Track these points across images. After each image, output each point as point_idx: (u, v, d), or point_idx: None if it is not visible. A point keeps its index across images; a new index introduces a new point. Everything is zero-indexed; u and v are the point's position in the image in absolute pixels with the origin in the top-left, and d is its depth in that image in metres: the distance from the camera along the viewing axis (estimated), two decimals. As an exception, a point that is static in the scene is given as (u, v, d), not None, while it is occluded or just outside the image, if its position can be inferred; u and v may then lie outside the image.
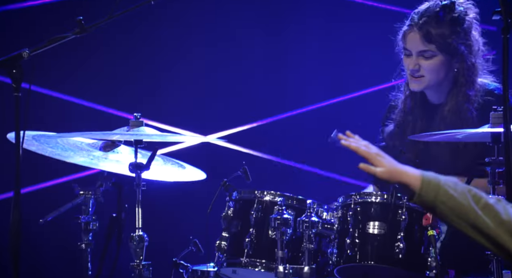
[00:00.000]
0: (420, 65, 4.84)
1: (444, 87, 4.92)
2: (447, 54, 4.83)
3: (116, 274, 4.60)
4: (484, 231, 3.09)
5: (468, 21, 4.84)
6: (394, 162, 3.12)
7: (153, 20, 6.26)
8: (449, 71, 4.88)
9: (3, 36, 6.24)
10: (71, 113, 6.34)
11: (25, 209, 3.84)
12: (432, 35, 4.79)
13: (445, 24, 4.80)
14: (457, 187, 3.08)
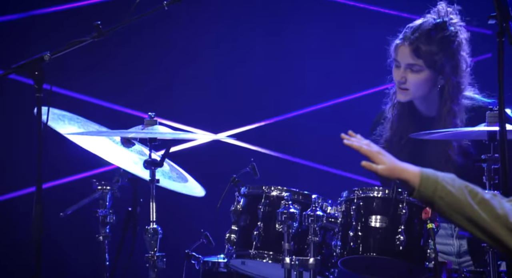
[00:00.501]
0: (406, 79, 4.85)
1: (431, 100, 4.92)
2: (433, 70, 4.83)
3: (132, 264, 4.62)
4: (480, 225, 3.11)
5: (457, 41, 4.84)
6: (394, 160, 3.15)
7: (165, 23, 6.23)
8: (434, 87, 4.88)
9: (27, 40, 6.21)
10: (89, 113, 6.33)
11: (46, 203, 3.88)
12: (421, 50, 4.79)
13: (435, 42, 4.81)
14: (454, 183, 3.11)
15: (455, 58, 4.87)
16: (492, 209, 3.10)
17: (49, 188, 5.93)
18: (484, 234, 3.12)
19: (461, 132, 4.60)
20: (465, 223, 3.11)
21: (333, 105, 6.43)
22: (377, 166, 3.15)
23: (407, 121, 4.97)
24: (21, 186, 6.28)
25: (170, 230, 4.68)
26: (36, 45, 4.46)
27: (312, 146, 6.44)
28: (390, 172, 3.15)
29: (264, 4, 6.50)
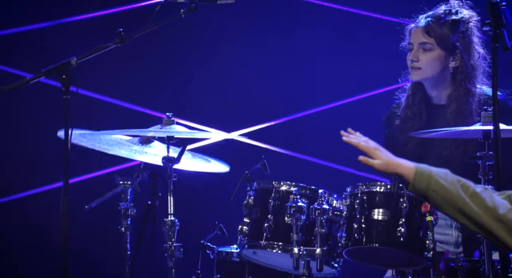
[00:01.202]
0: (419, 57, 4.87)
1: (441, 83, 4.93)
2: (444, 50, 4.87)
3: (152, 254, 4.61)
4: (472, 217, 3.14)
5: (468, 27, 4.88)
6: (390, 155, 3.19)
7: (182, 29, 6.22)
8: (445, 68, 4.90)
9: (55, 46, 6.19)
10: (111, 113, 6.31)
11: (72, 197, 3.92)
12: (433, 30, 4.84)
13: (446, 25, 4.85)
14: (447, 177, 3.14)
15: (466, 41, 4.89)
16: (483, 202, 3.12)
17: (75, 183, 5.91)
18: (476, 226, 3.14)
19: (457, 131, 4.56)
20: (457, 215, 3.13)
21: (338, 106, 6.40)
22: (374, 161, 3.19)
23: (418, 108, 4.96)
24: (49, 181, 6.25)
25: (186, 222, 4.71)
26: (63, 50, 4.48)
27: (319, 144, 6.41)
28: (386, 167, 3.18)
29: (276, 10, 6.47)
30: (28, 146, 6.33)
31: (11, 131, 6.34)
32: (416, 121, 4.95)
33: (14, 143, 6.36)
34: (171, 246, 4.54)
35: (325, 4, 6.41)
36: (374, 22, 6.30)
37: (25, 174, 6.35)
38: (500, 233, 3.12)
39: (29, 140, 6.31)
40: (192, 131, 4.81)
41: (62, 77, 3.91)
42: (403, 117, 4.98)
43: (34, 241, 6.29)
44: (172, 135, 4.57)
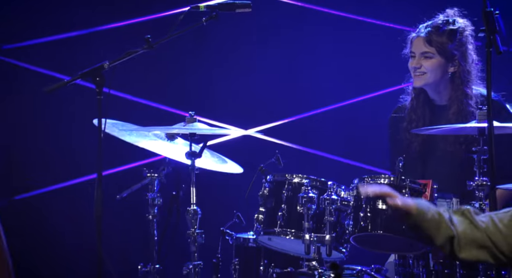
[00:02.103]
0: (421, 64, 4.88)
1: (441, 88, 4.94)
2: (444, 57, 4.87)
3: (176, 239, 4.69)
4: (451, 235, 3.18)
5: (465, 36, 4.89)
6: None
7: (203, 35, 6.22)
8: (445, 73, 4.90)
9: (90, 51, 6.20)
10: (140, 111, 6.29)
11: (105, 188, 3.95)
12: (433, 40, 4.83)
13: (444, 34, 4.85)
14: (431, 210, 3.18)
15: (463, 49, 4.89)
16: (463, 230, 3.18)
17: (107, 175, 5.89)
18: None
19: (455, 128, 4.57)
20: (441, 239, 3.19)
21: (346, 105, 6.37)
22: (395, 200, 3.20)
23: (422, 110, 4.96)
24: (84, 173, 6.22)
25: (207, 211, 4.72)
26: (97, 55, 4.51)
27: (329, 140, 6.38)
28: (403, 204, 3.19)
29: (289, 16, 6.42)
30: (66, 142, 6.28)
31: (51, 129, 6.31)
32: (420, 122, 4.95)
33: (53, 140, 6.32)
34: (193, 233, 4.59)
35: (335, 13, 6.38)
36: (381, 29, 6.25)
37: (63, 166, 6.31)
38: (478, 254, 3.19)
39: (66, 136, 6.27)
40: (212, 129, 4.85)
41: (96, 80, 3.96)
42: (409, 119, 4.98)
43: (72, 226, 6.27)
44: (194, 132, 4.60)
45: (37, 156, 6.33)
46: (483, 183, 4.40)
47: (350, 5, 6.37)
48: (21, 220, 6.31)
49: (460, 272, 4.46)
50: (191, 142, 4.61)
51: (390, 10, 6.15)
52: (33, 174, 5.84)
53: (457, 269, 4.46)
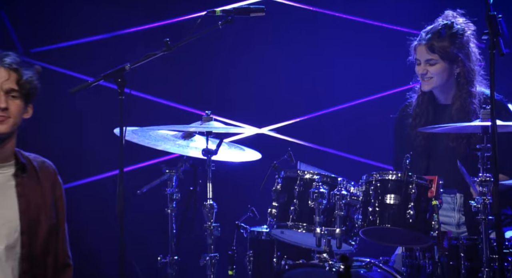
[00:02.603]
0: (428, 71, 4.86)
1: (448, 89, 4.92)
2: (448, 61, 4.84)
3: (193, 232, 4.69)
4: None
5: (466, 36, 4.86)
6: None
7: (218, 39, 6.20)
8: (451, 75, 4.88)
9: (112, 53, 6.19)
10: (159, 111, 6.27)
11: (127, 183, 3.95)
12: (435, 47, 4.81)
13: (445, 39, 4.82)
14: None
15: (465, 49, 4.86)
16: None
17: (129, 171, 5.91)
18: None
19: (460, 126, 4.58)
20: None
21: (355, 104, 6.36)
22: None
23: (426, 108, 4.96)
24: (107, 169, 6.25)
25: (223, 206, 4.73)
26: (119, 57, 4.51)
27: (339, 138, 6.37)
28: None
29: (302, 20, 6.39)
30: (90, 140, 6.29)
31: (77, 128, 6.33)
32: (424, 119, 4.95)
33: (78, 138, 6.33)
34: (210, 226, 4.61)
35: (345, 16, 6.36)
36: (389, 31, 6.23)
37: (88, 163, 6.32)
38: None
39: (90, 135, 6.27)
40: (228, 127, 4.85)
41: (117, 81, 3.99)
42: (414, 115, 4.98)
43: (96, 219, 6.27)
44: (211, 130, 4.63)
45: (64, 153, 6.32)
46: (487, 179, 4.39)
47: (359, 9, 6.34)
48: None
49: (464, 263, 4.46)
50: (208, 140, 4.63)
51: (398, 14, 6.13)
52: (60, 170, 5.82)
53: (462, 261, 4.47)
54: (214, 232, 4.63)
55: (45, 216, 3.90)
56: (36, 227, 3.88)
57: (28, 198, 3.90)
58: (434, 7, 5.05)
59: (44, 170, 4.00)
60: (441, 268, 4.44)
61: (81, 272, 6.19)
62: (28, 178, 3.93)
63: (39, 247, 3.88)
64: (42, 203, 3.90)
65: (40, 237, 3.89)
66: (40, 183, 3.94)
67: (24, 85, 3.95)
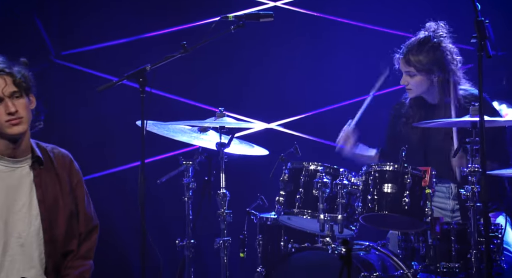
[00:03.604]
0: (408, 81, 4.88)
1: (432, 93, 4.91)
2: (424, 73, 4.82)
3: (208, 218, 4.70)
4: None
5: (441, 49, 4.83)
6: None
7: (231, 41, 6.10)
8: (430, 84, 4.86)
9: (135, 55, 6.18)
10: (176, 107, 6.26)
11: (147, 174, 3.98)
12: (411, 61, 4.81)
13: (421, 53, 4.80)
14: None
15: (441, 61, 4.81)
16: None
17: (149, 163, 5.85)
18: None
19: (451, 121, 4.58)
20: None
21: (354, 102, 6.25)
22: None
23: (417, 108, 4.96)
24: (130, 160, 6.26)
25: (235, 194, 4.73)
26: (140, 59, 4.52)
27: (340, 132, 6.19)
28: None
29: (307, 24, 6.37)
30: (115, 134, 6.28)
31: (103, 122, 6.31)
32: (417, 117, 4.95)
33: (104, 132, 6.32)
34: (223, 212, 4.62)
35: (348, 22, 6.35)
36: (387, 35, 6.20)
37: (112, 155, 6.32)
38: None
39: (115, 129, 6.26)
40: (239, 122, 4.86)
41: (139, 80, 4.01)
42: (407, 115, 4.98)
43: (119, 207, 6.27)
44: (224, 125, 4.63)
45: (91, 146, 6.34)
46: (475, 169, 4.42)
47: (360, 15, 6.32)
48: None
49: (455, 246, 4.48)
50: (221, 134, 4.64)
51: (396, 20, 6.09)
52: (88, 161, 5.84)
53: (452, 244, 4.49)
54: (226, 218, 4.64)
55: (63, 203, 3.87)
56: (55, 214, 3.86)
57: (46, 188, 3.86)
58: (432, 13, 5.04)
59: (60, 160, 3.94)
60: (434, 251, 4.46)
61: (106, 256, 6.11)
62: (45, 169, 3.89)
63: (61, 231, 3.85)
64: (59, 191, 3.87)
65: (61, 223, 3.86)
66: (57, 173, 3.90)
67: (20, 83, 3.87)
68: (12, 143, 3.85)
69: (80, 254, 3.88)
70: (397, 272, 4.55)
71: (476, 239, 4.40)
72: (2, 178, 3.80)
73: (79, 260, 3.86)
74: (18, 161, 3.86)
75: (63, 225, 3.86)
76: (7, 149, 3.84)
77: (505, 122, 4.82)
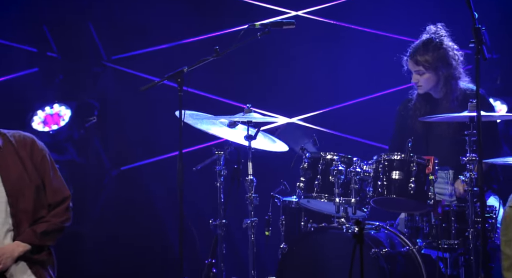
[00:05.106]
0: (418, 79, 4.87)
1: (440, 87, 4.92)
2: (432, 70, 4.81)
3: (238, 201, 4.74)
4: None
5: (443, 48, 4.82)
6: None
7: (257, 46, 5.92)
8: (438, 79, 4.86)
9: (174, 59, 6.20)
10: (210, 104, 6.28)
11: (185, 162, 4.05)
12: (419, 61, 4.80)
13: (427, 53, 4.81)
14: None
15: (445, 58, 4.81)
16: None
17: (186, 152, 5.64)
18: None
19: (452, 116, 4.60)
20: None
21: (368, 99, 6.31)
22: None
23: (423, 102, 4.94)
24: (169, 150, 6.29)
25: (261, 180, 4.76)
26: (179, 62, 4.55)
27: (355, 125, 6.32)
28: None
29: (324, 31, 6.35)
30: (157, 127, 6.29)
31: (147, 117, 6.34)
32: (422, 111, 4.95)
33: (149, 125, 6.34)
34: (250, 196, 4.65)
35: (361, 29, 6.33)
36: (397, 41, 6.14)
37: (154, 145, 6.34)
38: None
39: (158, 123, 6.27)
40: (264, 117, 4.88)
41: (177, 80, 4.05)
42: (414, 109, 4.96)
43: (160, 192, 6.29)
44: (251, 120, 4.67)
45: (137, 138, 6.37)
46: (473, 158, 4.44)
47: (373, 23, 6.29)
48: (126, 184, 6.40)
49: (454, 225, 4.51)
50: (248, 127, 4.67)
51: (405, 26, 6.03)
52: (134, 151, 5.90)
53: (452, 223, 4.52)
54: (253, 201, 4.67)
55: (29, 179, 3.81)
56: (21, 189, 3.78)
57: (7, 167, 3.78)
58: (434, 20, 5.03)
59: (20, 142, 3.83)
60: (436, 229, 4.52)
61: (149, 233, 6.21)
62: (6, 151, 3.81)
63: (29, 204, 3.78)
64: (23, 169, 3.80)
65: (28, 197, 3.79)
66: (17, 153, 3.83)
67: None
68: None
69: (45, 219, 3.81)
70: (403, 248, 4.57)
71: (473, 219, 4.43)
72: None
73: (42, 223, 3.80)
74: None
75: (31, 198, 3.79)
76: None
77: (500, 116, 4.86)
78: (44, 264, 3.76)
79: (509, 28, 6.10)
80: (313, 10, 6.39)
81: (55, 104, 6.33)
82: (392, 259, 4.48)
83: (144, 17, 6.35)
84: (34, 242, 3.71)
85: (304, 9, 6.38)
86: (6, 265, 3.67)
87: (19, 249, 3.70)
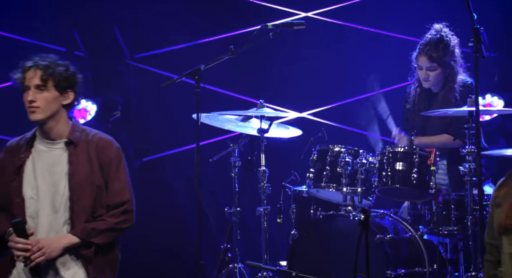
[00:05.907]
0: (428, 75, 4.88)
1: (440, 82, 4.93)
2: (443, 67, 4.86)
3: (251, 191, 4.75)
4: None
5: (452, 45, 4.87)
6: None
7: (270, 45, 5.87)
8: (445, 76, 4.90)
9: (192, 57, 6.22)
10: (225, 100, 6.28)
11: (202, 154, 4.07)
12: (433, 57, 4.82)
13: (440, 50, 4.83)
14: None
15: (453, 54, 4.87)
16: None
17: (204, 145, 5.64)
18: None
19: (452, 111, 4.61)
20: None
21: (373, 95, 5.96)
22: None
23: (422, 95, 4.94)
24: (188, 143, 6.26)
25: (273, 171, 4.75)
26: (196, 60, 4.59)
27: (360, 120, 6.03)
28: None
29: (332, 31, 6.35)
30: (176, 121, 6.29)
31: (168, 112, 6.33)
32: (422, 105, 4.96)
33: (170, 120, 6.34)
34: (263, 186, 4.66)
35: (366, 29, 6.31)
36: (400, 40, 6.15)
37: (173, 138, 6.34)
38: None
39: (178, 117, 6.25)
40: (276, 112, 4.84)
41: (195, 78, 4.07)
42: (413, 103, 4.97)
43: (181, 180, 6.31)
44: (264, 115, 4.67)
45: (158, 131, 6.38)
46: (472, 150, 4.45)
47: (378, 23, 6.31)
48: (149, 173, 6.43)
49: (454, 213, 4.53)
50: (261, 121, 4.67)
51: (407, 25, 6.05)
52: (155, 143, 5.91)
53: (452, 211, 4.53)
54: (266, 190, 4.67)
55: (91, 178, 3.79)
56: (83, 187, 3.78)
57: (77, 165, 3.75)
58: (436, 20, 5.02)
59: (94, 143, 3.78)
60: (437, 217, 4.54)
61: (169, 220, 6.23)
62: (80, 150, 3.75)
63: (88, 202, 3.74)
64: (89, 168, 3.79)
65: (87, 195, 3.74)
66: (88, 152, 3.75)
67: (46, 79, 3.67)
68: (41, 127, 3.75)
69: (101, 218, 3.81)
70: (406, 234, 4.58)
71: (472, 207, 4.44)
72: (43, 156, 3.75)
73: (97, 221, 3.81)
74: (54, 142, 3.76)
75: (91, 197, 3.77)
76: (43, 132, 3.80)
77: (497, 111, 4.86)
78: (90, 261, 3.75)
79: (507, 28, 6.08)
80: (322, 11, 6.39)
81: (82, 100, 6.39)
82: (396, 244, 4.49)
83: (164, 19, 6.38)
84: (81, 236, 3.73)
85: (314, 10, 6.39)
86: (51, 256, 3.70)
87: (65, 240, 3.72)
